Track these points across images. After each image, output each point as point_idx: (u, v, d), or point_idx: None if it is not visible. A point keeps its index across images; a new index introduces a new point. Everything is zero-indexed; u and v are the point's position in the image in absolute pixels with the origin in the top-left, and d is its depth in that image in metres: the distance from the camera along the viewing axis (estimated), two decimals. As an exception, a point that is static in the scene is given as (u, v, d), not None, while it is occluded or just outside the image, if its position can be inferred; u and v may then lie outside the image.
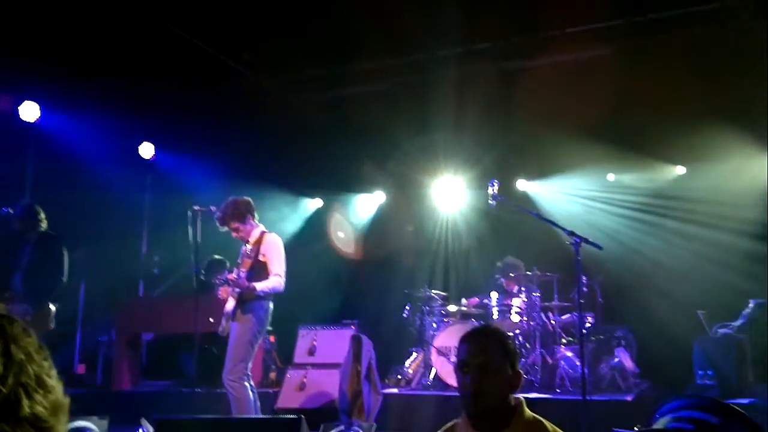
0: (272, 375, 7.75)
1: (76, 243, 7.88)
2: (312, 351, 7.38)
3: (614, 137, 7.92)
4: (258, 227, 5.39)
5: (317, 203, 10.61)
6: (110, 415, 4.84)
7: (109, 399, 7.32)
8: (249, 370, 5.08)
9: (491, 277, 8.05)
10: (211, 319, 5.49)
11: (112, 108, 7.36)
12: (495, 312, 7.55)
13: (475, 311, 7.88)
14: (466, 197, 9.52)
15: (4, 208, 5.48)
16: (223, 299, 5.18)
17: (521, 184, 9.48)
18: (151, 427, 4.00)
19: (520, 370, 2.28)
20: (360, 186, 10.15)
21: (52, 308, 5.59)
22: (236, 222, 5.27)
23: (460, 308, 7.88)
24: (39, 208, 5.71)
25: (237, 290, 5.10)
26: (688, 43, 7.12)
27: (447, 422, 2.37)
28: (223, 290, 5.20)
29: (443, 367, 7.04)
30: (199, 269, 5.97)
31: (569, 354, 6.98)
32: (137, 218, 9.43)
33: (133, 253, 9.35)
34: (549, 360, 7.10)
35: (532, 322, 7.25)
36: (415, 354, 7.80)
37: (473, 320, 7.72)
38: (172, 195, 8.38)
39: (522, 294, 7.46)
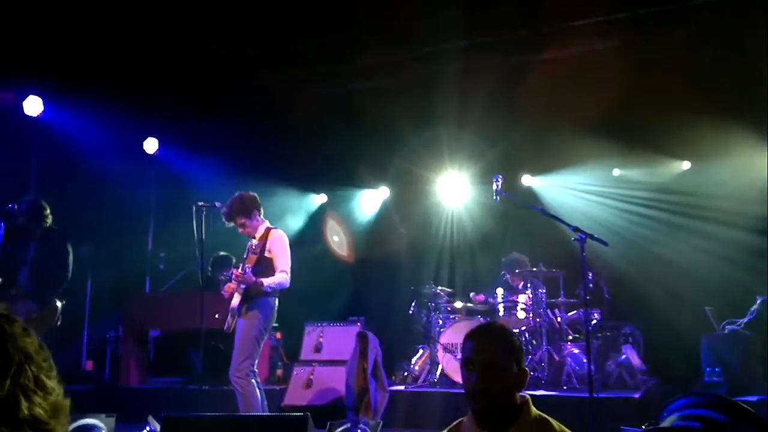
0: (279, 372, 7.76)
1: (82, 239, 7.90)
2: (318, 348, 7.38)
3: (619, 132, 7.89)
4: (264, 223, 5.38)
5: (322, 199, 10.61)
6: (117, 412, 4.86)
7: (117, 395, 7.34)
8: (256, 367, 5.08)
9: (497, 274, 8.04)
10: (217, 315, 5.49)
11: (116, 103, 7.35)
12: (501, 308, 7.54)
13: (481, 308, 7.88)
14: (471, 193, 9.51)
15: (10, 204, 5.47)
16: (229, 297, 5.17)
17: (526, 180, 9.46)
18: (158, 425, 4.00)
19: (526, 368, 2.27)
20: (364, 181, 10.14)
21: (59, 305, 5.59)
22: (242, 217, 5.26)
23: (466, 305, 7.87)
24: (44, 204, 5.71)
25: (243, 286, 5.09)
26: (693, 37, 7.07)
27: (453, 419, 2.36)
28: (229, 287, 5.19)
29: (449, 364, 7.03)
30: (205, 265, 5.97)
31: (576, 351, 6.95)
32: (142, 214, 9.44)
33: (139, 250, 9.36)
34: (555, 357, 7.07)
35: (538, 319, 7.22)
36: (422, 351, 7.79)
37: (479, 317, 7.71)
38: (177, 191, 8.40)
39: (528, 290, 7.43)
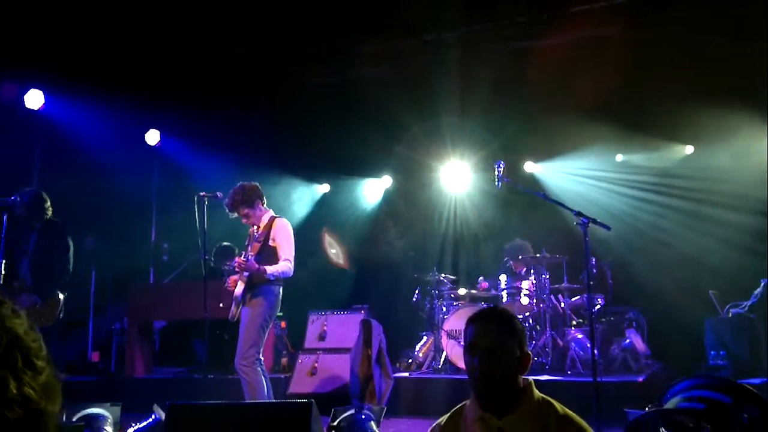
0: (284, 360, 7.79)
1: (85, 230, 7.92)
2: (323, 336, 7.41)
3: (622, 117, 7.87)
4: (267, 212, 5.38)
5: (325, 188, 10.62)
6: (123, 402, 4.88)
7: (123, 386, 7.38)
8: (261, 355, 5.09)
9: (500, 260, 8.05)
10: (221, 304, 5.50)
11: (118, 95, 7.35)
12: (504, 295, 7.55)
13: (485, 294, 7.89)
14: (474, 180, 9.50)
15: (13, 196, 5.47)
16: (232, 288, 5.17)
17: (529, 166, 9.45)
18: (163, 413, 4.02)
19: (529, 351, 2.27)
20: (367, 170, 10.14)
21: (61, 297, 5.60)
22: (246, 207, 5.25)
23: (470, 291, 7.89)
24: (45, 196, 5.70)
25: (246, 274, 5.09)
26: (694, 21, 7.03)
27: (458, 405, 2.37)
28: (232, 280, 5.19)
29: (453, 351, 7.05)
30: (208, 255, 5.98)
31: (580, 336, 6.96)
32: (145, 206, 9.46)
33: (143, 241, 9.39)
34: (559, 342, 7.09)
35: (542, 305, 7.23)
36: (426, 338, 7.82)
37: (483, 303, 7.72)
38: (180, 182, 8.40)
39: (531, 276, 7.44)
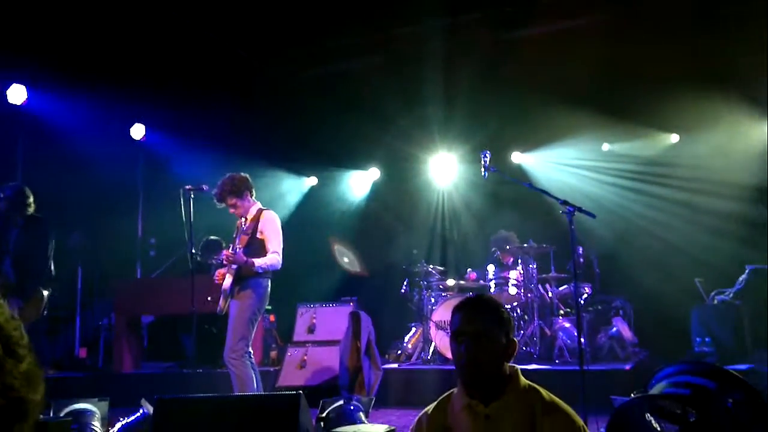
0: (273, 354, 7.78)
1: (71, 226, 7.86)
2: (312, 329, 7.40)
3: (608, 107, 7.89)
4: (255, 204, 5.35)
5: (312, 181, 10.60)
6: (112, 398, 4.85)
7: (111, 382, 7.35)
8: (250, 348, 5.08)
9: (488, 251, 8.07)
10: (209, 298, 5.47)
11: (102, 90, 7.29)
12: (492, 285, 7.57)
13: (473, 285, 7.91)
14: (462, 171, 9.51)
15: None
16: (220, 281, 5.15)
17: (516, 157, 9.47)
18: (151, 408, 4.01)
19: (515, 339, 2.27)
20: (355, 163, 10.12)
21: (45, 293, 5.55)
22: (234, 198, 5.22)
23: (458, 282, 7.90)
24: (29, 192, 5.62)
25: (234, 267, 5.07)
26: (680, 8, 7.05)
27: (446, 394, 2.38)
28: (220, 273, 5.16)
29: (442, 341, 7.07)
30: (195, 249, 5.94)
31: (567, 325, 7.00)
32: (131, 201, 9.41)
33: (129, 236, 9.34)
34: (547, 331, 7.12)
35: (530, 294, 7.26)
36: (414, 329, 7.84)
37: (471, 294, 7.72)
38: (165, 176, 8.36)
39: (519, 266, 7.47)
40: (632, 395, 2.80)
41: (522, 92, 8.02)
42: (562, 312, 7.47)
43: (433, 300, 7.60)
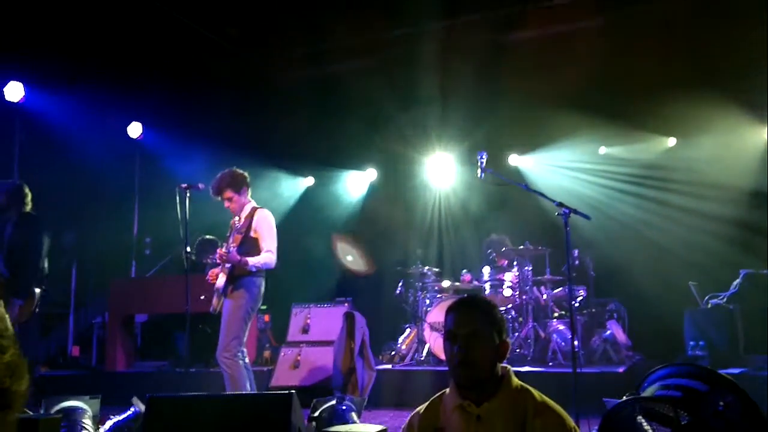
0: (266, 354, 7.77)
1: (67, 224, 7.84)
2: (306, 329, 7.39)
3: (605, 110, 7.89)
4: (250, 202, 5.34)
5: (309, 181, 10.59)
6: (105, 396, 4.82)
7: (104, 380, 7.34)
8: (244, 347, 5.07)
9: (483, 253, 8.08)
10: (202, 297, 5.46)
11: (99, 88, 7.28)
12: (487, 287, 7.57)
13: (468, 286, 7.91)
14: (458, 173, 9.51)
15: None
16: (213, 280, 5.14)
17: (513, 159, 9.48)
18: (143, 406, 3.99)
19: (508, 340, 2.28)
20: (351, 163, 10.12)
21: (37, 291, 5.53)
22: (231, 191, 5.19)
23: (454, 284, 7.90)
24: (27, 189, 5.63)
25: (227, 265, 5.06)
26: (677, 12, 7.06)
27: (438, 396, 2.37)
28: (213, 273, 5.15)
29: (436, 343, 7.07)
30: (191, 247, 5.93)
31: (561, 327, 7.00)
32: (127, 199, 9.39)
33: (125, 234, 9.32)
34: (542, 334, 7.13)
35: (525, 296, 7.27)
36: (409, 330, 7.83)
37: (466, 295, 7.73)
38: (162, 175, 8.34)
39: (514, 268, 7.47)
40: (624, 397, 2.79)
41: (519, 95, 8.02)
42: (557, 314, 7.48)
43: (428, 301, 7.60)
